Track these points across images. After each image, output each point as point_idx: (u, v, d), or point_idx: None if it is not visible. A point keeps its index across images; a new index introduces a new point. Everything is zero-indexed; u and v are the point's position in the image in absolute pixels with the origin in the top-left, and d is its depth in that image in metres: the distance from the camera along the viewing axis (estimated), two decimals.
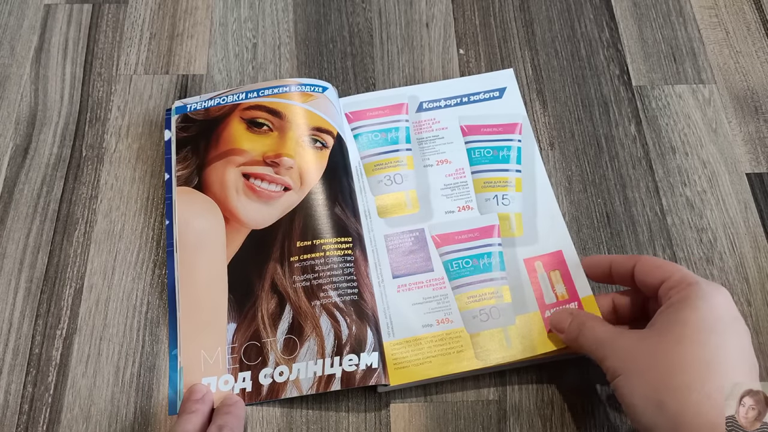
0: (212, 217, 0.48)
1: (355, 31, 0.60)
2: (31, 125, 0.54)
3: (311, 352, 0.45)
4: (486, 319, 0.47)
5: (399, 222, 0.51)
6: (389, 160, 0.53)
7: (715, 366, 0.35)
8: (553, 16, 0.61)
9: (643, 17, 0.61)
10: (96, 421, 0.44)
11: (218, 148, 0.50)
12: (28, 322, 0.47)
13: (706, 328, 0.36)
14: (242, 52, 0.58)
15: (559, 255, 0.49)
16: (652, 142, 0.55)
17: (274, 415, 0.45)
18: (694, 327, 0.36)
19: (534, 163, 0.53)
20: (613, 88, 0.57)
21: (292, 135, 0.50)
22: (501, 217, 0.50)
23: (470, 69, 0.58)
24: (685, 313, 0.37)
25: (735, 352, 0.36)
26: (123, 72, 0.57)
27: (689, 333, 0.36)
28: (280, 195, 0.49)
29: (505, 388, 0.46)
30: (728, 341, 0.36)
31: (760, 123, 0.56)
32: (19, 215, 0.51)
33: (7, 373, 0.46)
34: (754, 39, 0.60)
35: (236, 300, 0.46)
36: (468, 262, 0.48)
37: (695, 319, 0.36)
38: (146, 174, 0.53)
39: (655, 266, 0.41)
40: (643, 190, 0.53)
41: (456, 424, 0.45)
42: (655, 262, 0.41)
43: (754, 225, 0.52)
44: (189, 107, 0.53)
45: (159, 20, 0.60)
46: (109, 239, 0.50)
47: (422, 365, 0.45)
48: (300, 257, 0.47)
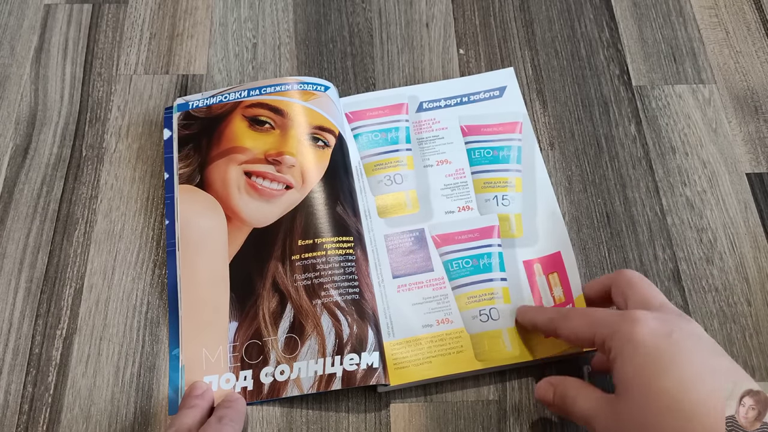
0: (214, 216, 0.48)
1: (355, 31, 0.60)
2: (31, 125, 0.54)
3: (312, 351, 0.45)
4: (486, 320, 0.47)
5: (399, 222, 0.51)
6: (389, 160, 0.53)
7: (688, 411, 0.33)
8: (553, 16, 0.61)
9: (643, 17, 0.61)
10: (96, 421, 0.44)
11: (220, 146, 0.50)
12: (28, 322, 0.47)
13: (655, 387, 0.34)
14: (242, 52, 0.58)
15: (557, 257, 0.49)
16: (652, 142, 0.55)
17: (274, 415, 0.45)
18: (644, 388, 0.34)
19: (534, 163, 0.53)
20: (613, 88, 0.57)
21: (294, 133, 0.50)
22: (501, 218, 0.50)
23: (470, 69, 0.58)
24: (628, 375, 0.35)
25: (696, 382, 0.33)
26: (123, 72, 0.57)
27: (645, 395, 0.34)
28: (281, 193, 0.49)
29: (505, 388, 0.46)
30: (683, 375, 0.33)
31: (760, 123, 0.56)
32: (19, 215, 0.51)
33: (7, 373, 0.46)
34: (754, 39, 0.60)
35: (238, 298, 0.46)
36: (468, 262, 0.48)
37: (639, 378, 0.34)
38: (146, 174, 0.53)
39: (584, 322, 0.39)
40: (643, 190, 0.53)
41: (456, 424, 0.45)
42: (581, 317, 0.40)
43: (754, 225, 0.52)
44: (191, 104, 0.53)
45: (159, 20, 0.60)
46: (109, 239, 0.50)
47: (422, 365, 0.45)
48: (301, 256, 0.47)
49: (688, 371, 0.34)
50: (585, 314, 0.39)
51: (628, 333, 0.36)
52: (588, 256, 0.50)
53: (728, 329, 0.48)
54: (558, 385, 0.40)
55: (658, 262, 0.50)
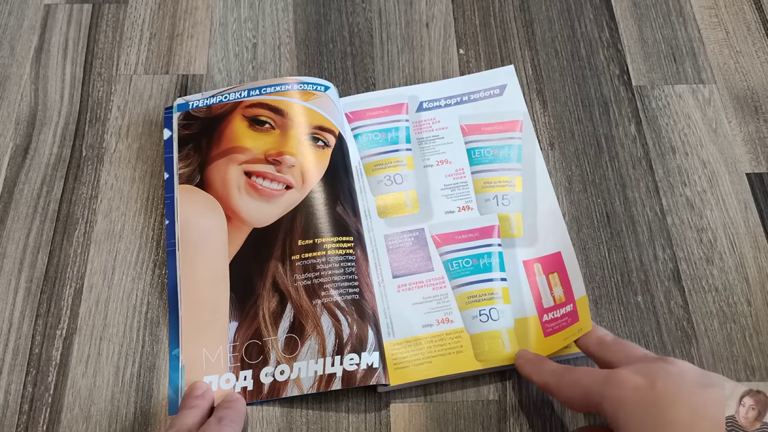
0: (214, 216, 0.48)
1: (355, 31, 0.60)
2: (31, 125, 0.54)
3: (312, 351, 0.45)
4: (486, 320, 0.47)
5: (399, 222, 0.51)
6: (389, 160, 0.53)
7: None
8: (553, 16, 0.61)
9: (643, 17, 0.61)
10: (96, 421, 0.44)
11: (220, 146, 0.50)
12: (28, 322, 0.47)
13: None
14: (242, 52, 0.58)
15: (557, 257, 0.49)
16: (652, 142, 0.55)
17: (274, 415, 0.45)
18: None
19: (535, 162, 0.53)
20: (613, 88, 0.57)
21: (294, 133, 0.50)
22: (501, 218, 0.50)
23: (470, 69, 0.58)
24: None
25: (689, 425, 0.34)
26: (123, 72, 0.57)
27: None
28: (281, 193, 0.49)
29: (505, 388, 0.46)
30: (676, 424, 0.34)
31: (760, 123, 0.56)
32: (19, 215, 0.51)
33: (7, 373, 0.46)
34: (754, 39, 0.60)
35: (238, 298, 0.46)
36: (468, 262, 0.48)
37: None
38: (146, 174, 0.53)
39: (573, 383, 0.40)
40: (643, 190, 0.53)
41: (456, 424, 0.45)
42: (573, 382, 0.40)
43: (754, 225, 0.52)
44: (191, 104, 0.53)
45: (159, 20, 0.60)
46: (109, 239, 0.50)
47: (422, 365, 0.45)
48: (301, 256, 0.47)
49: (679, 421, 0.34)
50: (575, 384, 0.39)
51: (617, 397, 0.36)
52: (588, 256, 0.50)
53: (728, 329, 0.48)
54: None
55: (658, 262, 0.50)
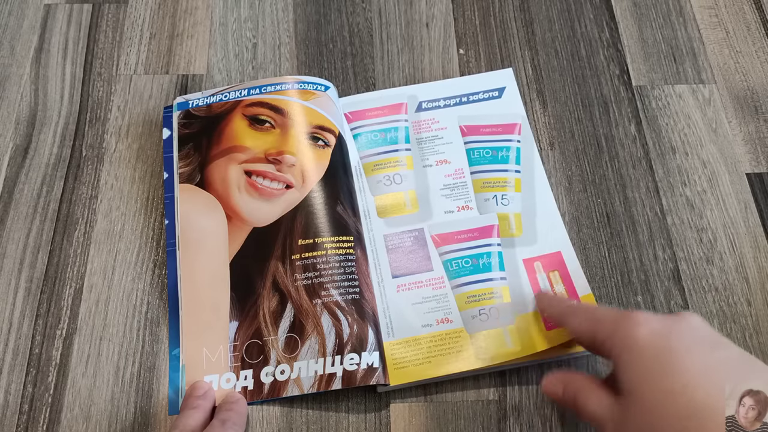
0: (214, 215, 0.48)
1: (355, 31, 0.60)
2: (31, 125, 0.54)
3: (312, 351, 0.45)
4: (486, 319, 0.47)
5: (398, 222, 0.51)
6: (389, 160, 0.53)
7: (694, 412, 0.33)
8: (553, 16, 0.61)
9: (643, 17, 0.61)
10: (96, 421, 0.44)
11: (220, 145, 0.50)
12: (28, 322, 0.47)
13: (660, 390, 0.34)
14: (242, 52, 0.58)
15: (558, 256, 0.49)
16: (652, 142, 0.55)
17: (274, 415, 0.45)
18: (649, 392, 0.34)
19: (533, 164, 0.53)
20: (613, 88, 0.57)
21: (294, 132, 0.50)
22: (500, 218, 0.50)
23: (470, 69, 0.58)
24: (632, 378, 0.35)
25: (699, 381, 0.33)
26: (123, 72, 0.57)
27: (651, 398, 0.34)
28: (282, 193, 0.49)
29: (505, 388, 0.46)
30: (686, 376, 0.34)
31: (760, 123, 0.56)
32: (19, 215, 0.51)
33: (7, 373, 0.46)
34: (754, 39, 0.60)
35: (238, 298, 0.46)
36: (467, 262, 0.48)
37: (644, 382, 0.34)
38: (146, 174, 0.53)
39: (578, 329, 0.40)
40: (643, 190, 0.53)
41: (456, 424, 0.45)
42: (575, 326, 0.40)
43: (754, 225, 0.52)
44: (191, 103, 0.53)
45: (159, 20, 0.60)
46: (109, 239, 0.50)
47: (422, 365, 0.45)
48: (301, 255, 0.47)
49: (691, 371, 0.34)
50: (588, 311, 0.40)
51: (629, 333, 0.36)
52: (588, 256, 0.50)
53: (728, 329, 0.48)
54: (569, 383, 0.40)
55: (658, 262, 0.50)
